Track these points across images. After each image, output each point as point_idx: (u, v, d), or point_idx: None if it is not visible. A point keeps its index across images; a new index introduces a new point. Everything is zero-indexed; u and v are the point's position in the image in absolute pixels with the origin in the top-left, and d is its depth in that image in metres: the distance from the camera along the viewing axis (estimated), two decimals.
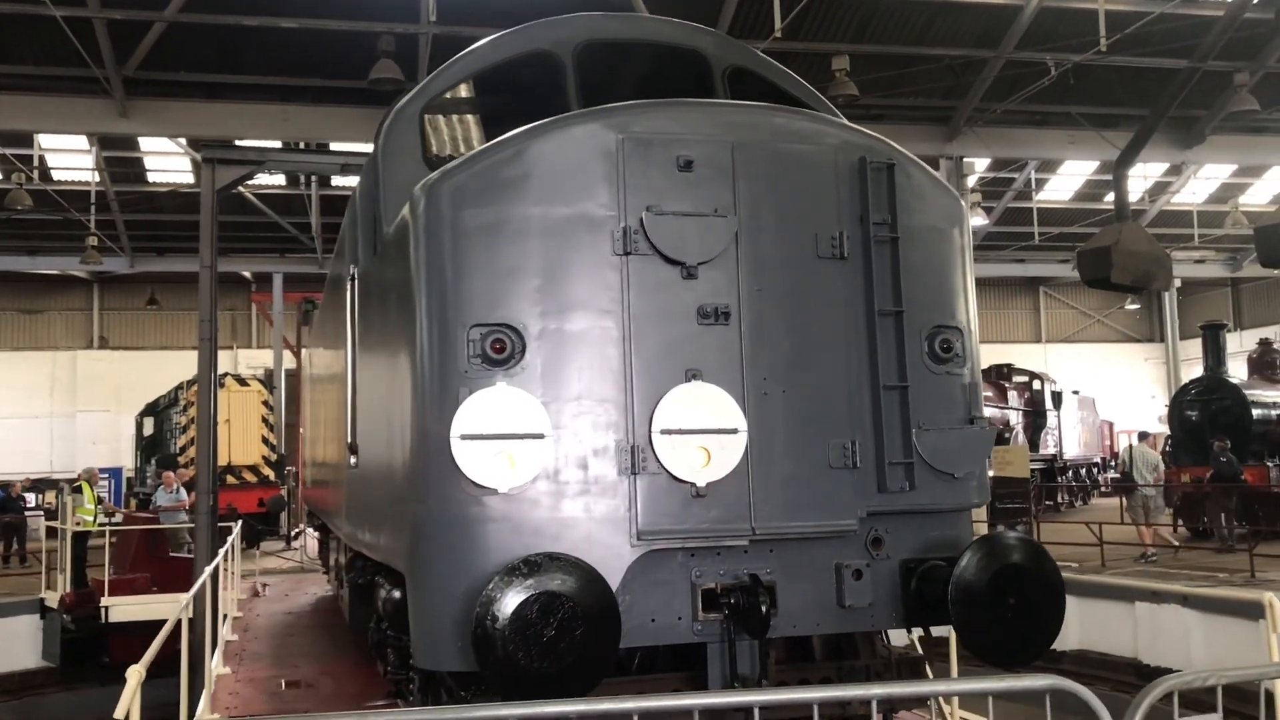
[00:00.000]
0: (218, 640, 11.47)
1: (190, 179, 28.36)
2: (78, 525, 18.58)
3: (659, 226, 5.15)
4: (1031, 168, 31.79)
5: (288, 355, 31.96)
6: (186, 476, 23.19)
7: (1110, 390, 42.19)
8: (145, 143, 27.02)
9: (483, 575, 4.78)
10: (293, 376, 27.95)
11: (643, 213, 5.15)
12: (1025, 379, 31.57)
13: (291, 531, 26.49)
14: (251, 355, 38.07)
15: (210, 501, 14.25)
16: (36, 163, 27.64)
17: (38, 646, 18.51)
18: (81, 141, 26.66)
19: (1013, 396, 30.18)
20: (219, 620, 12.05)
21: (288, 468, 26.87)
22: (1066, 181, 34.30)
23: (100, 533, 18.22)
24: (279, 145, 22.37)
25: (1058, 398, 31.96)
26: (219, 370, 15.00)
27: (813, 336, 5.36)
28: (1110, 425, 41.18)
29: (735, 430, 5.10)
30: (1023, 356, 37.47)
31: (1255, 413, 22.30)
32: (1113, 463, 37.61)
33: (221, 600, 12.46)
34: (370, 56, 19.35)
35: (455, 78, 6.56)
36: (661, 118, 5.37)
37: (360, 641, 11.30)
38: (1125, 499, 20.92)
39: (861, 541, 5.42)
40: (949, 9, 21.69)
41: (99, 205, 29.09)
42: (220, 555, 12.75)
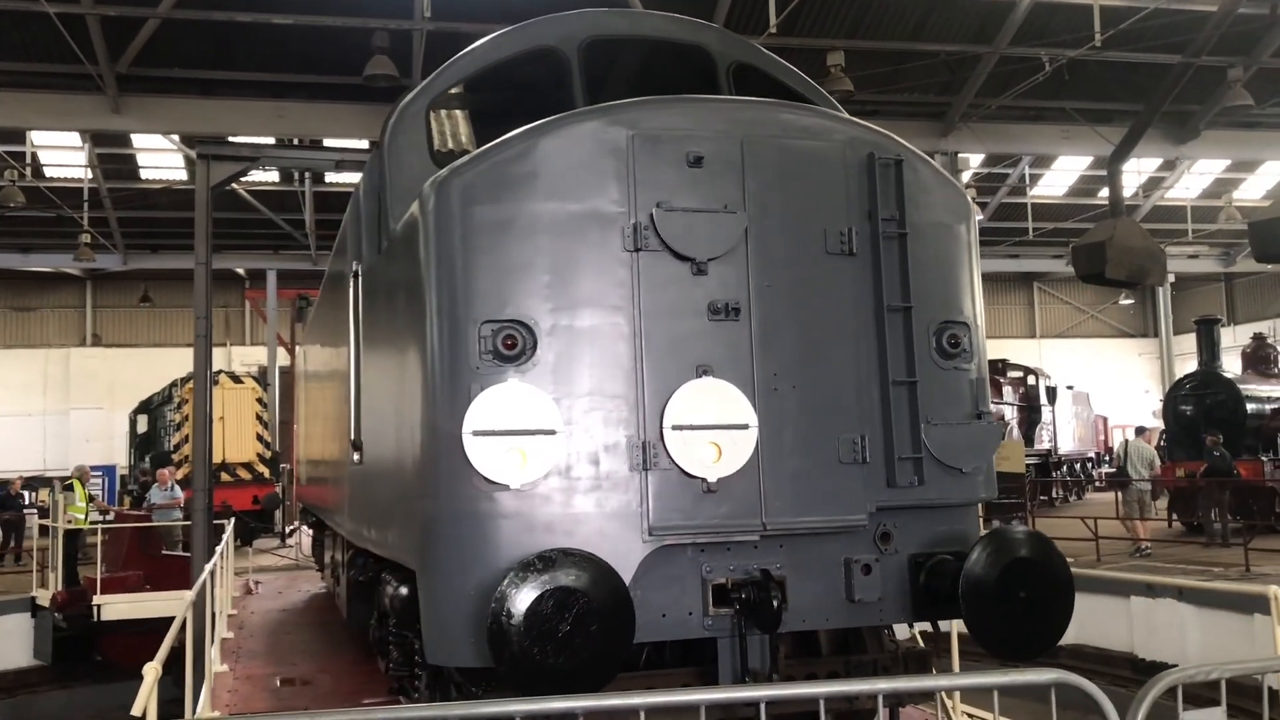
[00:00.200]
0: (214, 638, 11.44)
1: (183, 175, 28.27)
2: (69, 523, 18.53)
3: (669, 222, 5.15)
4: (1025, 163, 31.79)
5: (282, 352, 31.89)
6: (178, 475, 23.16)
7: (1104, 385, 42.23)
8: (138, 139, 26.91)
9: (494, 571, 4.79)
10: (287, 374, 27.85)
11: (653, 209, 5.15)
12: (1020, 374, 31.57)
13: (286, 529, 26.43)
14: (245, 352, 37.95)
15: (207, 499, 14.22)
16: (29, 160, 27.54)
17: (29, 645, 18.47)
18: (74, 138, 26.54)
19: (1007, 392, 30.19)
20: (216, 618, 12.02)
21: (283, 465, 26.80)
22: (1060, 177, 34.29)
23: (94, 531, 18.18)
24: (272, 142, 22.32)
25: (1052, 393, 32.00)
26: (213, 367, 14.94)
27: (822, 332, 5.37)
28: (1104, 420, 41.25)
29: (746, 426, 5.11)
30: (1017, 352, 37.49)
31: (1249, 407, 22.35)
32: (1107, 457, 37.69)
33: (216, 598, 12.43)
34: (365, 53, 19.30)
35: (460, 74, 6.54)
36: (672, 114, 5.37)
37: (358, 638, 11.27)
38: (1120, 494, 20.99)
39: (870, 536, 5.45)
40: (943, 4, 21.67)
41: (92, 202, 28.98)
42: (219, 553, 12.73)
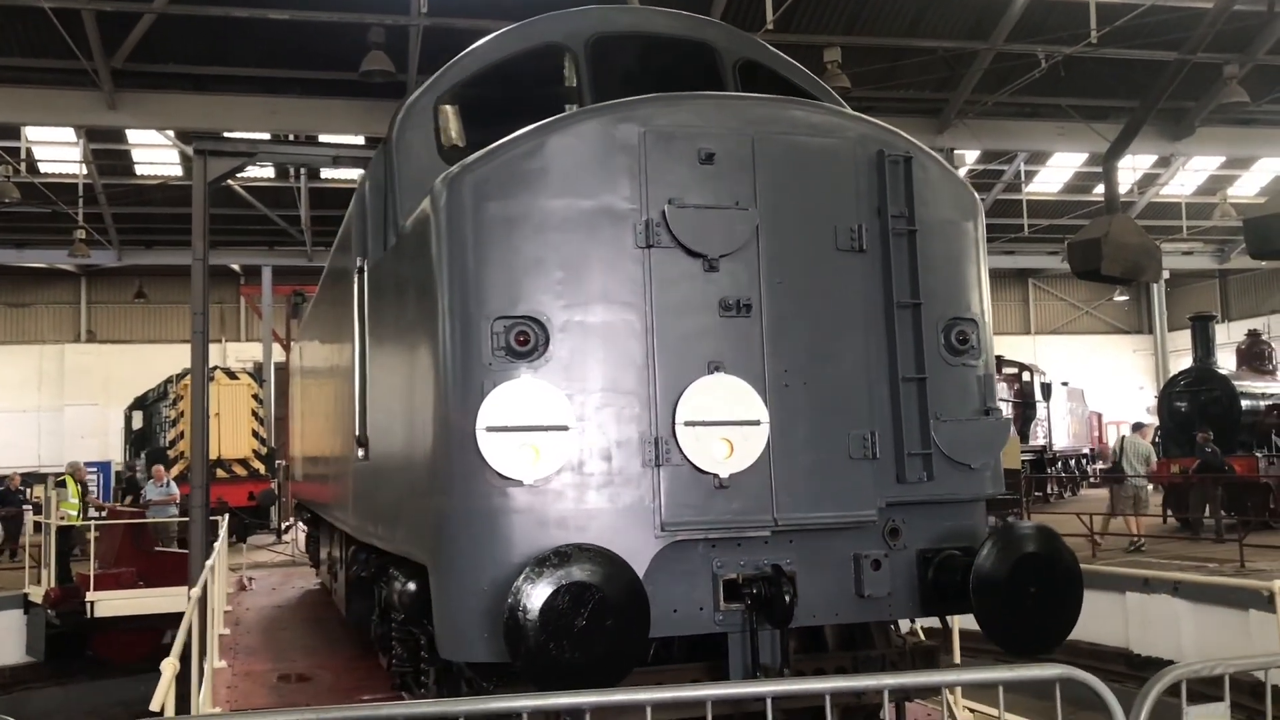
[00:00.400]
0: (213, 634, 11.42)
1: (178, 171, 28.22)
2: (62, 520, 18.49)
3: (681, 219, 5.16)
4: (1021, 160, 31.87)
5: (277, 348, 31.85)
6: (174, 471, 23.13)
7: (1099, 382, 42.29)
8: (133, 135, 26.83)
9: (508, 567, 4.80)
10: (283, 370, 27.80)
11: (665, 206, 5.16)
12: (1015, 370, 31.59)
13: (282, 525, 26.40)
14: (240, 348, 37.84)
15: (204, 496, 14.19)
16: (24, 155, 27.48)
17: (22, 642, 18.42)
18: (69, 134, 26.49)
19: (1002, 388, 30.21)
20: (212, 614, 12.01)
21: (278, 461, 26.77)
22: (1056, 173, 34.39)
23: (86, 527, 18.16)
24: (268, 138, 22.28)
25: (1047, 389, 32.02)
26: (209, 363, 14.91)
27: (832, 329, 5.39)
28: (1099, 416, 41.32)
29: (757, 422, 5.13)
30: (1012, 348, 37.52)
31: (1244, 404, 22.40)
32: (1089, 455, 37.68)
33: (213, 594, 12.40)
34: (360, 48, 19.29)
35: (467, 71, 6.53)
36: (683, 111, 5.37)
37: (356, 635, 11.25)
38: (1116, 489, 21.04)
39: (879, 532, 5.47)
40: (940, 0, 21.72)
41: (87, 198, 28.92)
42: (218, 549, 12.72)
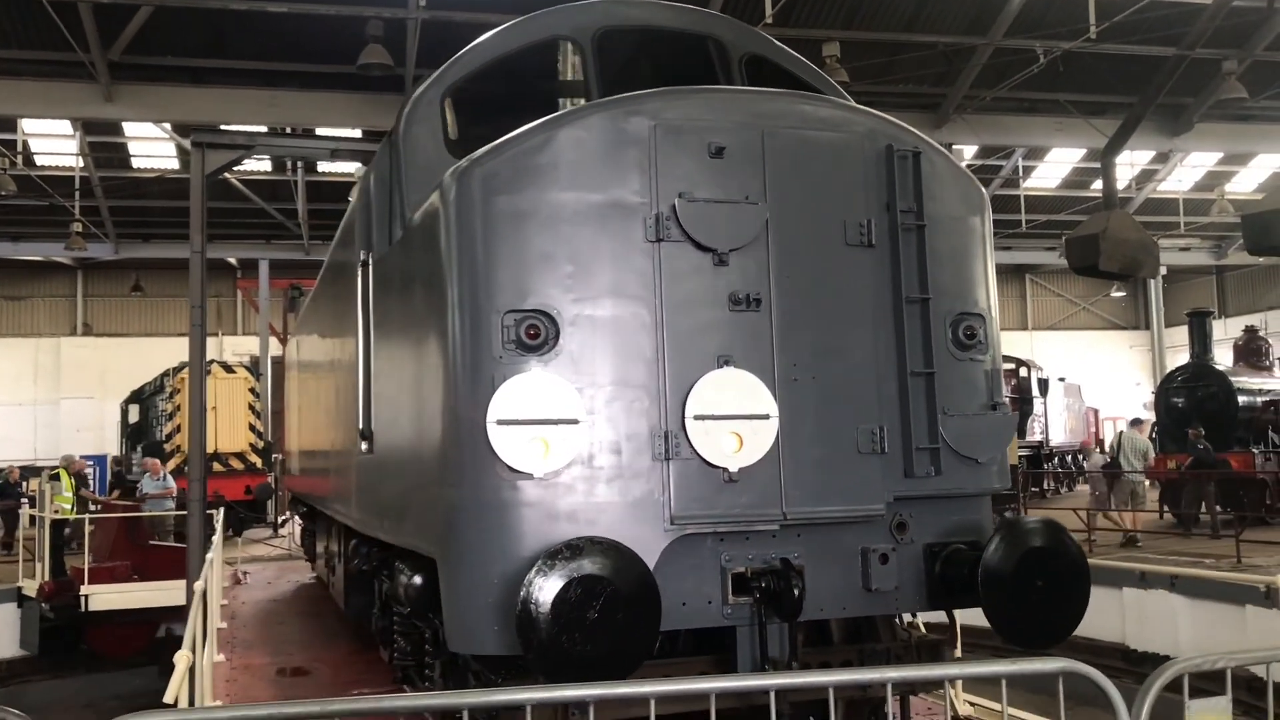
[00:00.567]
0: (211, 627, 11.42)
1: (175, 164, 28.15)
2: (55, 513, 18.46)
3: (691, 213, 5.16)
4: (1019, 155, 31.90)
5: (274, 342, 31.80)
6: (170, 465, 23.11)
7: (1096, 377, 42.34)
8: (130, 128, 26.79)
9: (518, 560, 4.81)
10: (280, 364, 27.75)
11: (675, 199, 5.16)
12: (1012, 366, 31.60)
13: (279, 519, 26.38)
14: (237, 342, 37.81)
15: (202, 489, 14.17)
16: (20, 147, 27.39)
17: (16, 635, 18.37)
18: (65, 126, 26.41)
19: None
20: (212, 607, 12.01)
21: (275, 455, 26.74)
22: (1053, 169, 34.39)
23: (82, 520, 18.13)
24: (265, 131, 22.22)
25: (1044, 385, 31.98)
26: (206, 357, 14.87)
27: (841, 323, 5.40)
28: (1095, 412, 41.36)
29: (767, 416, 5.14)
30: (1009, 343, 37.41)
31: (1241, 400, 22.35)
32: (1097, 449, 37.74)
33: (211, 587, 12.39)
34: (358, 41, 19.20)
35: (474, 64, 6.51)
36: (693, 105, 5.37)
37: (355, 628, 11.26)
38: (1113, 484, 21.09)
39: (886, 526, 5.48)
40: None
41: (83, 191, 28.85)
42: (215, 542, 12.71)
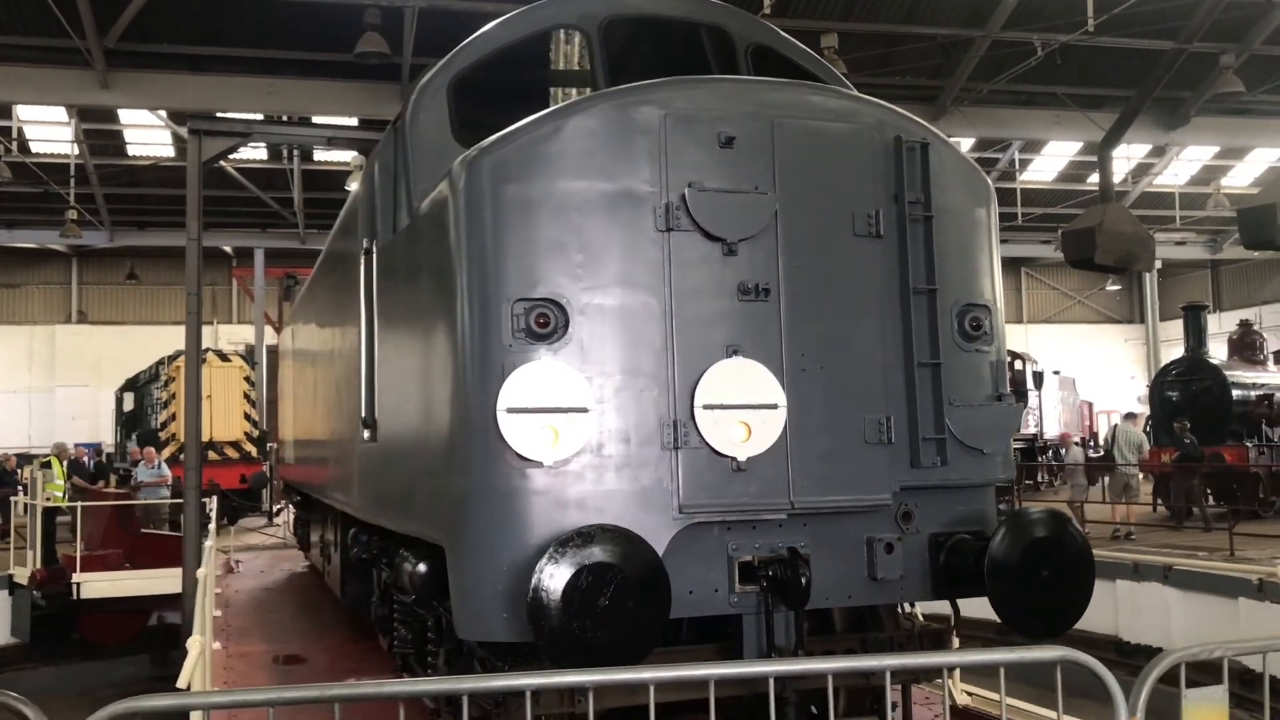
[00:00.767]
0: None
1: (171, 152, 28.10)
2: (47, 501, 18.43)
3: (701, 203, 5.17)
4: (1016, 148, 31.91)
5: (269, 331, 31.73)
6: (165, 453, 23.07)
7: (1090, 371, 42.41)
8: (126, 115, 26.67)
9: (527, 548, 4.83)
10: (275, 353, 27.71)
11: (685, 189, 5.17)
12: (1007, 359, 31.65)
13: (274, 508, 26.35)
14: (232, 331, 37.78)
15: (198, 478, 14.15)
16: (15, 134, 27.30)
17: (7, 623, 18.33)
18: (61, 113, 26.32)
19: None
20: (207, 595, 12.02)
21: (270, 444, 26.71)
22: (1050, 162, 34.44)
23: (74, 508, 18.12)
24: (262, 119, 22.13)
25: (1039, 378, 32.08)
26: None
27: (849, 314, 5.41)
28: (1090, 406, 41.45)
29: (775, 406, 5.16)
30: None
31: (1235, 393, 22.43)
32: (1092, 442, 37.85)
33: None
34: (356, 30, 19.13)
35: (480, 52, 6.50)
36: (703, 94, 5.38)
37: (350, 617, 11.27)
38: (1107, 478, 21.18)
39: (892, 516, 5.51)
40: None
41: (79, 178, 28.77)
42: (212, 531, 12.71)
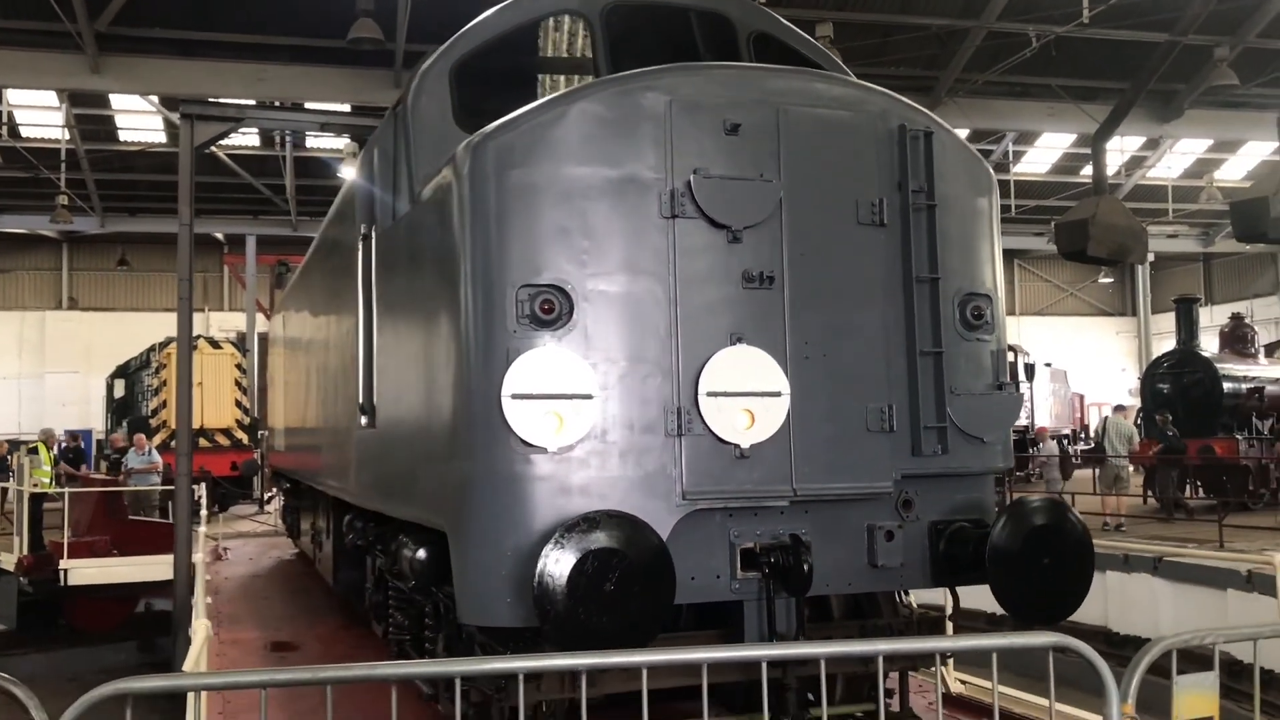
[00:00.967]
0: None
1: (162, 138, 27.96)
2: (35, 487, 18.37)
3: (706, 190, 5.16)
4: (1009, 139, 31.93)
5: (261, 318, 31.65)
6: (156, 440, 23.02)
7: (1082, 363, 42.47)
8: (117, 100, 26.52)
9: (531, 533, 4.83)
10: (266, 340, 27.64)
11: (690, 176, 5.16)
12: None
13: (265, 495, 26.32)
14: (223, 318, 37.62)
15: (189, 464, 14.08)
16: (5, 119, 27.13)
17: None
18: (52, 98, 26.13)
19: None
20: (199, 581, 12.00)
21: (261, 431, 26.66)
22: (1044, 154, 34.47)
23: (61, 494, 18.05)
24: (254, 104, 22.02)
25: (1031, 370, 32.08)
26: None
27: (852, 302, 5.43)
28: (1081, 398, 41.54)
29: (778, 393, 5.17)
30: None
31: (1226, 386, 22.49)
32: (1082, 434, 37.97)
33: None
34: (349, 15, 18.98)
35: (482, 37, 6.46)
36: (709, 81, 5.37)
37: (341, 603, 11.27)
38: (1098, 469, 21.25)
39: (893, 503, 5.53)
40: None
41: (69, 163, 28.57)
42: (203, 519, 12.67)
